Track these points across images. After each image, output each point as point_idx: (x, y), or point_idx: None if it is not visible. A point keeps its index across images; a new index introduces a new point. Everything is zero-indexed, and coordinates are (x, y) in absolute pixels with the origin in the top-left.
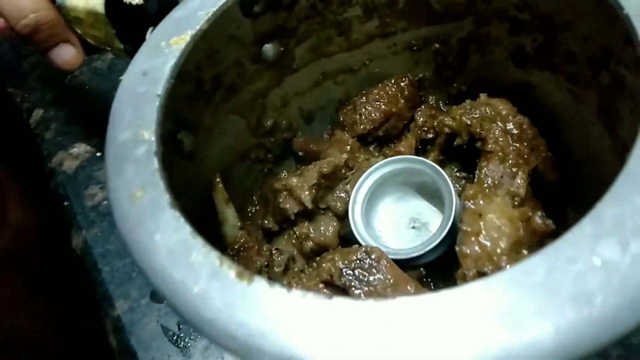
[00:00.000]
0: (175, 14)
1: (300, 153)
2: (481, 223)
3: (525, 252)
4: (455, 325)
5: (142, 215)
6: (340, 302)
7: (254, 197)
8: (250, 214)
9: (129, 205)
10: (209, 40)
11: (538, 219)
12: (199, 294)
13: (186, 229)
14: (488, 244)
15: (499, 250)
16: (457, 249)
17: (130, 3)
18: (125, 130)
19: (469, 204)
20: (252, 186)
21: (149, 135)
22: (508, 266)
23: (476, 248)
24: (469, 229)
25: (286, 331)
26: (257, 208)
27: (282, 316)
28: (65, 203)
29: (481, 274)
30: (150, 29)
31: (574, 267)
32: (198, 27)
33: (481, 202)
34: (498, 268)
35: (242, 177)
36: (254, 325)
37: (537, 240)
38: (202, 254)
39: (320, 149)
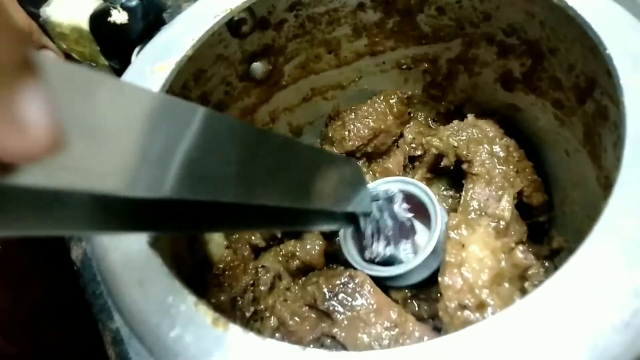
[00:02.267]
0: (161, 37)
1: None
2: (463, 254)
3: (506, 285)
4: None
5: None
6: (313, 353)
7: None
8: None
9: None
10: (196, 62)
11: (519, 254)
12: (174, 339)
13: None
14: (470, 276)
15: (480, 283)
16: (439, 279)
17: (114, 22)
18: None
19: (452, 234)
20: None
21: None
22: (489, 299)
23: (458, 280)
24: (451, 260)
25: None
26: None
27: None
28: None
29: (463, 307)
30: (137, 49)
31: None
32: (183, 54)
33: (464, 232)
34: (479, 301)
35: None
36: None
37: (518, 274)
38: (178, 294)
39: None
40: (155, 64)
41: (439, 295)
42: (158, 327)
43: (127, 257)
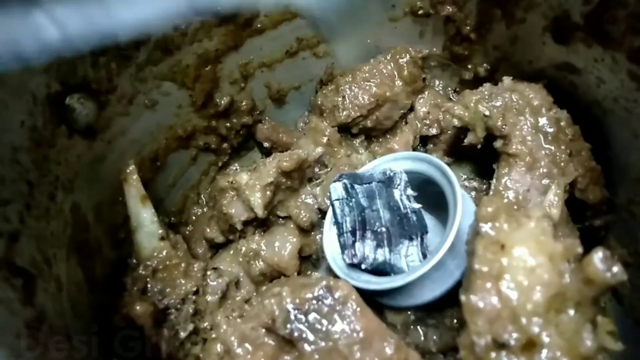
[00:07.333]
0: None
1: (266, 144)
2: (504, 260)
3: (571, 312)
4: None
5: None
6: None
7: (203, 196)
8: (194, 217)
9: None
10: None
11: (597, 262)
12: None
13: None
14: (513, 295)
15: (530, 307)
16: (462, 298)
17: None
18: None
19: (486, 227)
20: (201, 182)
21: None
22: (544, 334)
23: (494, 301)
24: (483, 269)
25: None
26: (205, 211)
27: None
28: None
29: (499, 345)
30: None
31: None
32: None
33: (505, 226)
34: (527, 336)
35: (183, 168)
36: None
37: (593, 295)
38: None
39: (292, 141)
40: None
41: (455, 322)
42: None
43: None
